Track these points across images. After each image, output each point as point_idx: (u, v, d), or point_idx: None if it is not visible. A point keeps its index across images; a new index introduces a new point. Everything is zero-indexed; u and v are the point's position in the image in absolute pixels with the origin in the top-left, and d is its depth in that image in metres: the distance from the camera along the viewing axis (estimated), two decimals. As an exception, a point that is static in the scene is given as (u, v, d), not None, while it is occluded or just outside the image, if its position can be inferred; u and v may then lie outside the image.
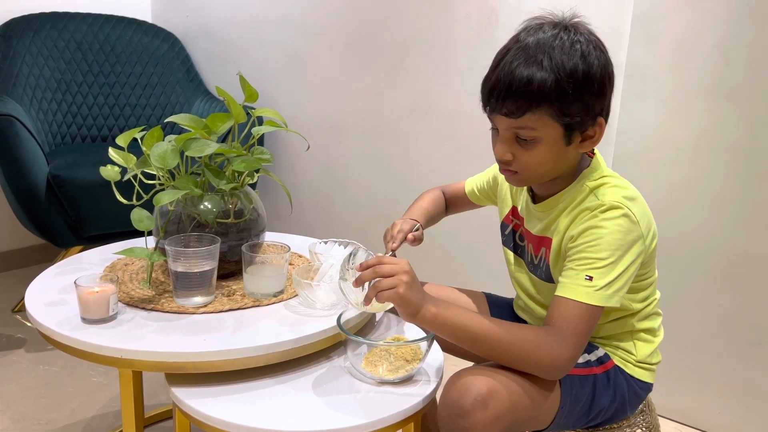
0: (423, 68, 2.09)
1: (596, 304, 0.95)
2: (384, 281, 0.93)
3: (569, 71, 0.92)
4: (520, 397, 0.95)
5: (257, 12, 2.54)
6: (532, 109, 0.93)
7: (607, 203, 0.98)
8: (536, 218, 1.10)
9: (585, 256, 0.96)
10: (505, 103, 0.94)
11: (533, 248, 1.11)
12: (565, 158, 1.01)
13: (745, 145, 1.52)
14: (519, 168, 1.01)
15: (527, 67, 0.93)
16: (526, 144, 0.98)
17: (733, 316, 1.60)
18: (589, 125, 0.98)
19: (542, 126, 0.95)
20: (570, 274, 0.97)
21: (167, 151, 1.12)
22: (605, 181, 1.03)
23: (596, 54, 0.95)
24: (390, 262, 0.95)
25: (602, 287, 0.95)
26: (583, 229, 0.98)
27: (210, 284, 1.12)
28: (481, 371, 0.96)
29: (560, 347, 0.94)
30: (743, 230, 1.55)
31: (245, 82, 1.26)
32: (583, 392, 1.03)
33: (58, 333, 1.02)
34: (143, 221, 1.12)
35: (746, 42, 1.48)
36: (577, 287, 0.95)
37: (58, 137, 2.39)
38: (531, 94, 0.92)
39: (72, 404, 1.69)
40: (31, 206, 1.96)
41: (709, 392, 1.67)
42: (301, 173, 2.53)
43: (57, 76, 2.40)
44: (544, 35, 0.95)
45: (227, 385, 1.00)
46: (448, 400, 0.93)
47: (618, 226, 0.96)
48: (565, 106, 0.94)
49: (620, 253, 0.96)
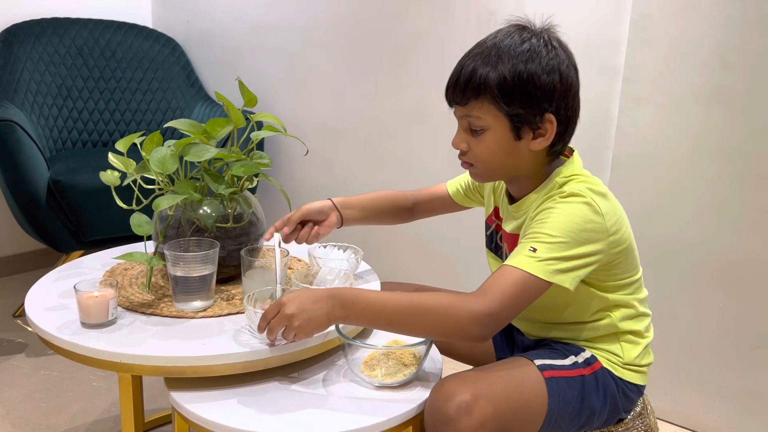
0: (422, 73, 2.10)
1: (534, 273, 0.93)
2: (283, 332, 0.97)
3: (512, 63, 0.97)
4: (505, 403, 0.95)
5: (257, 18, 2.55)
6: (475, 96, 0.99)
7: (568, 191, 1.00)
8: (512, 218, 1.11)
9: (534, 231, 0.97)
10: (455, 92, 1.02)
11: (508, 248, 1.13)
12: (519, 155, 1.02)
13: (742, 149, 1.53)
14: (473, 159, 1.05)
15: (475, 60, 1.00)
16: (476, 134, 1.02)
17: (732, 319, 1.60)
18: (537, 121, 0.99)
19: (487, 115, 1.00)
20: (517, 249, 0.97)
21: (166, 156, 1.13)
22: (575, 178, 1.03)
23: (547, 52, 0.99)
24: (270, 312, 0.97)
25: (545, 260, 0.93)
26: (540, 210, 1.00)
27: (209, 289, 1.12)
28: (465, 378, 0.96)
29: (478, 302, 0.92)
30: (742, 234, 1.56)
31: (244, 88, 1.27)
32: (571, 394, 1.03)
33: (58, 338, 1.02)
34: (142, 226, 1.13)
35: (743, 47, 1.49)
36: (518, 256, 0.96)
37: (59, 142, 2.40)
38: (475, 83, 0.98)
39: (72, 409, 1.70)
40: (32, 211, 1.96)
41: (709, 395, 1.67)
42: (301, 178, 2.53)
43: (58, 82, 2.41)
44: (501, 35, 1.01)
45: (226, 389, 1.01)
46: (433, 407, 0.94)
47: (576, 210, 0.96)
48: (506, 98, 0.98)
49: (573, 237, 0.95)
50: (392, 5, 2.13)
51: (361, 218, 1.33)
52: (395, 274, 2.19)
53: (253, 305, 1.04)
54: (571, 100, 1.01)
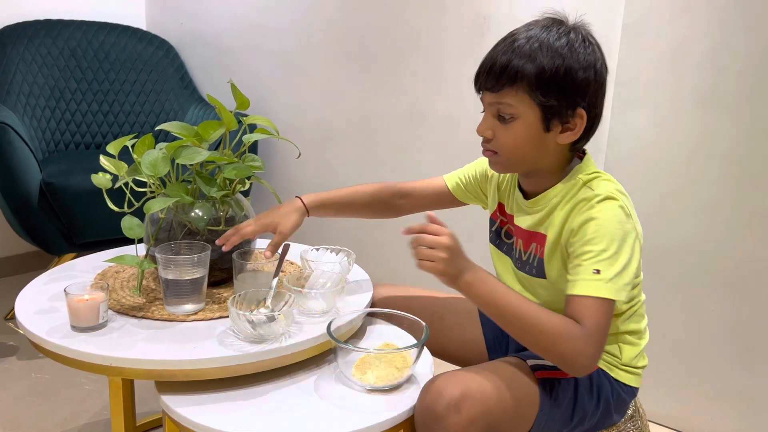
0: (417, 75, 2.10)
1: (608, 296, 0.94)
2: (424, 251, 0.96)
3: (551, 55, 0.97)
4: (495, 401, 0.95)
5: (252, 20, 2.54)
6: (510, 83, 0.98)
7: (603, 193, 1.00)
8: (527, 214, 1.10)
9: (589, 250, 0.97)
10: (488, 78, 1.01)
11: (523, 244, 1.11)
12: (545, 147, 1.02)
13: (736, 153, 1.53)
14: (498, 147, 1.03)
15: (513, 49, 0.99)
16: (505, 122, 1.01)
17: (725, 321, 1.60)
18: (568, 115, 1.00)
19: (520, 104, 0.99)
20: (579, 271, 0.97)
21: (158, 158, 1.13)
22: (598, 175, 1.05)
23: (584, 48, 0.99)
24: (433, 232, 0.96)
25: (611, 279, 0.95)
26: (583, 221, 0.99)
27: (200, 292, 1.12)
28: (455, 375, 0.96)
29: (584, 342, 0.93)
30: (736, 237, 1.56)
31: (236, 90, 1.27)
32: (564, 396, 1.03)
33: (48, 341, 1.02)
34: (133, 229, 1.13)
35: (737, 50, 1.49)
36: (587, 282, 0.95)
37: (52, 144, 2.39)
38: (512, 71, 0.98)
39: (64, 412, 1.69)
40: (24, 214, 1.95)
41: (703, 398, 1.67)
42: (296, 180, 2.53)
43: (51, 84, 2.40)
44: (537, 27, 1.01)
45: (217, 392, 1.00)
46: (422, 404, 0.94)
47: (615, 216, 0.98)
48: (543, 89, 0.97)
49: (618, 243, 0.97)
50: (386, 8, 2.14)
51: (337, 215, 1.29)
52: (389, 277, 2.19)
53: (237, 308, 1.04)
54: (601, 97, 1.03)
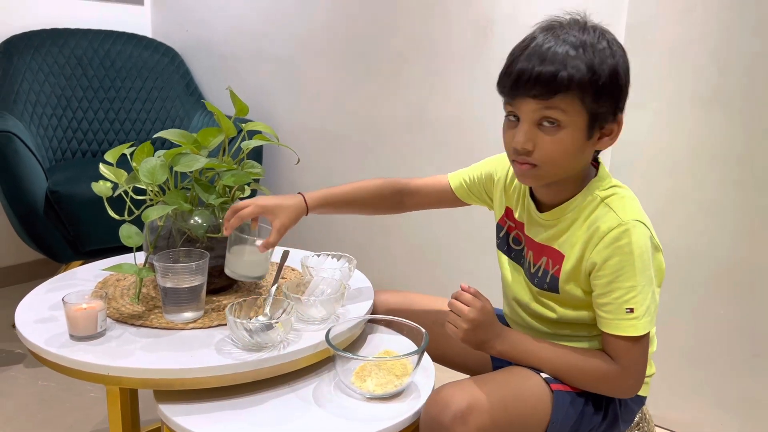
0: (419, 80, 2.09)
1: (643, 333, 0.97)
2: (451, 316, 1.02)
3: (600, 58, 0.92)
4: (502, 413, 0.94)
5: (255, 26, 2.55)
6: (563, 89, 0.91)
7: (625, 221, 0.96)
8: (541, 226, 1.07)
9: (619, 287, 0.96)
10: (536, 84, 0.91)
11: (533, 256, 1.09)
12: (582, 155, 0.98)
13: (740, 154, 1.51)
14: (539, 159, 0.96)
15: (561, 46, 0.92)
16: (549, 130, 0.94)
17: (732, 326, 1.58)
18: (610, 120, 0.97)
19: (571, 110, 0.92)
20: (611, 309, 0.98)
21: (156, 166, 1.12)
22: (615, 192, 1.01)
23: (620, 50, 0.96)
24: (464, 302, 1.01)
25: (644, 315, 0.96)
26: (607, 256, 0.96)
27: (199, 300, 1.11)
28: (463, 386, 0.95)
29: (622, 380, 0.99)
30: (740, 239, 1.54)
31: (235, 97, 1.26)
32: (574, 409, 1.01)
33: (46, 350, 1.01)
34: (132, 237, 1.12)
35: (740, 51, 1.47)
36: (622, 322, 0.97)
37: (59, 153, 2.41)
38: (564, 75, 0.90)
39: (69, 420, 1.69)
40: (30, 222, 1.96)
41: (711, 403, 1.64)
42: (299, 185, 2.53)
43: (57, 92, 2.41)
44: (573, 30, 0.95)
45: (216, 401, 1.00)
46: (428, 415, 0.93)
47: (642, 247, 0.96)
48: (595, 92, 0.92)
49: (646, 274, 0.96)
50: (389, 12, 2.13)
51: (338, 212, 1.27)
52: (390, 283, 2.18)
53: (235, 316, 1.04)
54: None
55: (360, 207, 1.27)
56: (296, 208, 1.18)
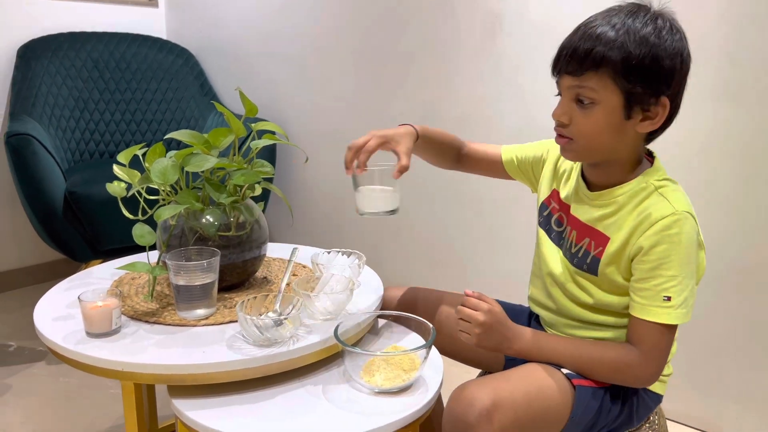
0: (429, 77, 2.10)
1: (675, 323, 0.98)
2: (462, 324, 1.03)
3: (638, 42, 0.94)
4: (525, 410, 0.95)
5: (268, 27, 2.57)
6: (594, 68, 0.95)
7: (678, 212, 0.97)
8: (589, 206, 1.08)
9: (661, 274, 0.97)
10: (570, 61, 0.97)
11: (576, 236, 1.09)
12: (623, 136, 0.99)
13: (753, 148, 1.50)
14: (575, 134, 1.00)
15: (603, 27, 0.96)
16: (584, 107, 0.98)
17: (747, 321, 1.57)
18: (651, 103, 0.97)
19: (602, 89, 0.95)
20: (648, 295, 0.98)
21: (167, 167, 1.15)
22: (669, 184, 1.03)
23: (671, 36, 0.96)
24: (472, 306, 1.02)
25: (680, 305, 0.97)
26: (656, 242, 0.97)
27: (211, 297, 1.14)
28: (486, 383, 0.96)
29: (642, 367, 0.99)
30: (754, 234, 1.53)
31: (245, 97, 1.28)
32: (593, 404, 1.02)
33: (63, 347, 1.04)
34: (144, 236, 1.15)
35: (752, 44, 1.46)
36: (657, 309, 0.97)
37: (77, 154, 2.45)
38: (597, 55, 0.94)
39: (89, 416, 1.73)
40: (50, 222, 2.01)
41: (728, 399, 1.64)
42: (310, 184, 2.55)
43: (75, 95, 2.46)
44: (622, 12, 0.98)
45: (227, 396, 1.02)
46: (453, 414, 0.93)
47: (689, 239, 0.97)
48: (628, 74, 0.94)
49: (690, 266, 0.98)
50: (398, 11, 2.14)
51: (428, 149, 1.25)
52: (402, 282, 2.19)
53: (246, 312, 1.06)
54: (683, 88, 1.00)
55: (440, 149, 1.27)
56: (411, 134, 1.16)
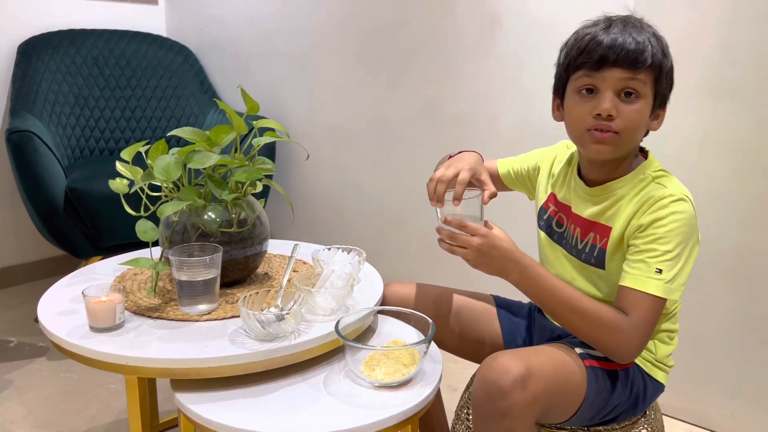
0: (429, 74, 2.11)
1: (663, 296, 0.99)
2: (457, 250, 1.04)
3: (663, 49, 1.03)
4: (554, 383, 0.98)
5: (268, 24, 2.58)
6: (646, 65, 1.00)
7: (677, 194, 1.01)
8: (589, 202, 1.11)
9: (655, 248, 0.99)
10: (628, 54, 1.00)
11: (580, 233, 1.12)
12: (643, 132, 1.06)
13: (749, 144, 1.51)
14: (621, 126, 1.02)
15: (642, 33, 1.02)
16: (629, 100, 1.02)
17: (742, 315, 1.59)
18: (662, 106, 1.06)
19: (646, 85, 1.02)
20: (641, 267, 1.00)
21: (170, 163, 1.16)
22: (665, 174, 1.07)
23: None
24: (472, 231, 1.03)
25: (669, 280, 0.99)
26: (654, 219, 1.01)
27: (213, 292, 1.15)
28: (518, 354, 0.98)
29: (630, 335, 0.99)
30: (750, 229, 1.54)
31: (246, 95, 1.29)
32: (604, 385, 1.05)
33: (68, 341, 1.05)
34: (147, 232, 1.16)
35: (749, 41, 1.47)
36: (648, 279, 0.99)
37: (77, 151, 2.46)
38: (648, 53, 1.00)
39: (91, 411, 1.74)
40: (50, 219, 2.02)
41: (722, 394, 1.65)
42: (311, 181, 2.56)
43: (75, 92, 2.47)
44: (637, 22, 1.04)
45: (230, 390, 1.03)
46: (487, 380, 0.95)
47: (686, 218, 1.00)
48: (661, 75, 1.02)
49: (683, 245, 1.00)
50: (398, 8, 2.15)
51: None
52: (400, 276, 2.21)
53: (248, 307, 1.07)
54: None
55: None
56: (480, 159, 1.24)
